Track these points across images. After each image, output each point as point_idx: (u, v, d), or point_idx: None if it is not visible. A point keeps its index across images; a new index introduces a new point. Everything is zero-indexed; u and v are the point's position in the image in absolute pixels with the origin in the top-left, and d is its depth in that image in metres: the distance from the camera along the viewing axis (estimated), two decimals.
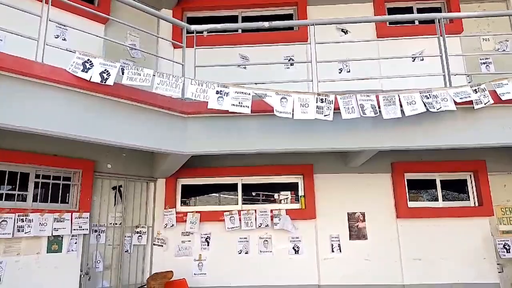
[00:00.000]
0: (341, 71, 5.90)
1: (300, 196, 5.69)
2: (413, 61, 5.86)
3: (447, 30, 4.69)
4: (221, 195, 6.09)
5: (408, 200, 5.57)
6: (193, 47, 4.65)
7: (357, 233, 5.44)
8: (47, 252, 4.47)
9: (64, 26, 4.70)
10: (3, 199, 4.37)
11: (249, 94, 3.99)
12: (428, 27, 5.47)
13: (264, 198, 6.05)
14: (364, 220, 5.48)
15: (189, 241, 5.50)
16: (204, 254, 5.45)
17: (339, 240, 5.40)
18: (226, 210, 5.56)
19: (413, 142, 4.30)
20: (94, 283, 4.87)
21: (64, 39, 4.97)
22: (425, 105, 4.06)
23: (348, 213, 5.50)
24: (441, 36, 4.50)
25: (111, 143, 3.93)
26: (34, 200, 4.56)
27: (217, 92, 3.96)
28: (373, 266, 5.32)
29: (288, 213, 5.48)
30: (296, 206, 5.70)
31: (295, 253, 5.38)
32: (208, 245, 5.49)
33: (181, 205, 5.78)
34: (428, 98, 4.10)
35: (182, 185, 5.87)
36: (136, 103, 4.03)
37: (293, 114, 4.01)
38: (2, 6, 3.51)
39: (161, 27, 6.13)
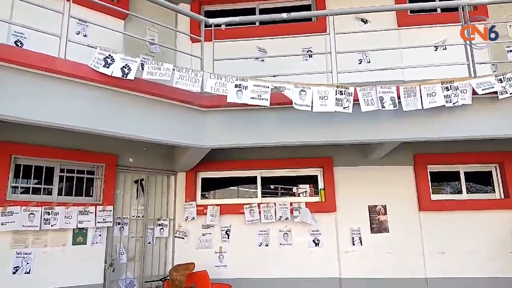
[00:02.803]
0: (361, 61, 5.80)
1: (320, 189, 5.65)
2: (436, 50, 5.70)
3: (472, 17, 4.53)
4: (240, 188, 6.12)
5: (431, 193, 5.46)
6: (211, 40, 4.66)
7: (378, 226, 5.38)
8: (72, 244, 4.61)
9: (85, 22, 4.80)
10: (30, 192, 4.53)
11: (268, 87, 3.97)
12: (451, 15, 5.29)
13: (283, 191, 6.05)
14: (385, 213, 5.41)
15: (210, 233, 5.57)
16: (224, 247, 5.51)
17: (360, 233, 5.35)
18: (245, 203, 5.58)
19: (435, 133, 4.19)
20: (118, 275, 4.99)
21: (85, 35, 5.05)
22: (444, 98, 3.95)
23: (369, 206, 5.44)
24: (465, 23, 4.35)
25: (132, 137, 4.00)
26: (59, 193, 4.70)
27: (236, 86, 3.95)
28: (395, 259, 5.25)
29: (308, 206, 5.46)
30: (315, 199, 5.68)
31: (316, 246, 5.38)
32: (228, 237, 5.54)
33: (201, 198, 5.84)
34: (449, 89, 3.98)
35: (202, 179, 5.93)
36: (156, 98, 4.08)
37: (312, 106, 3.97)
38: (26, 4, 3.61)
39: (179, 21, 6.16)
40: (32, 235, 4.33)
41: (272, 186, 5.98)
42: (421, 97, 3.98)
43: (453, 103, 3.94)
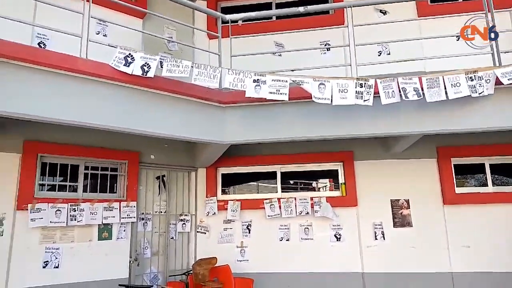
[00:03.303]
0: (381, 53, 5.69)
1: (341, 184, 5.61)
2: (458, 40, 5.53)
3: (495, 4, 4.37)
4: (260, 184, 6.15)
5: (455, 186, 5.34)
6: (228, 37, 4.67)
7: (401, 221, 5.30)
8: (98, 240, 4.74)
9: (105, 22, 4.88)
10: (56, 190, 4.67)
11: (286, 81, 3.95)
12: (473, 3, 5.12)
13: (302, 186, 6.04)
14: (408, 207, 5.32)
15: (231, 228, 5.62)
16: (245, 241, 5.55)
17: (382, 228, 5.29)
18: (266, 198, 5.60)
19: (459, 125, 4.09)
20: (142, 269, 5.11)
21: (105, 35, 5.15)
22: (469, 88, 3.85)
23: (391, 200, 5.36)
24: (488, 12, 4.21)
25: (153, 134, 4.07)
26: (84, 190, 4.83)
27: (254, 81, 3.96)
28: (419, 254, 5.17)
29: (329, 200, 5.43)
30: (336, 193, 5.64)
31: (337, 240, 5.35)
32: (249, 232, 5.58)
33: (221, 194, 5.90)
34: (473, 80, 3.87)
35: (222, 174, 5.97)
36: (176, 95, 4.13)
37: (331, 100, 3.94)
38: (48, 6, 3.71)
39: (196, 19, 6.19)
40: (59, 231, 4.47)
41: (291, 181, 5.98)
42: (445, 87, 3.89)
43: (479, 93, 3.83)
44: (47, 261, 4.34)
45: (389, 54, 5.65)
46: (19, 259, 4.16)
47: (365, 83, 3.96)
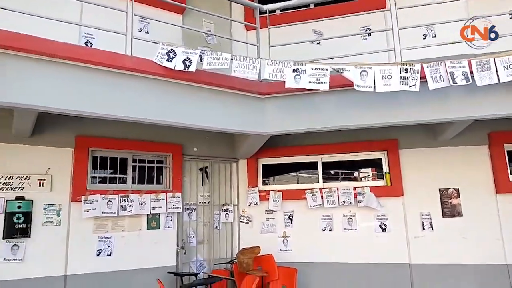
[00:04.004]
0: (426, 36, 5.43)
1: (385, 173, 5.45)
2: (511, 18, 5.15)
3: None
4: (300, 174, 6.13)
5: (509, 174, 5.03)
6: (266, 27, 4.65)
7: (450, 210, 5.08)
8: (147, 229, 4.95)
9: (146, 19, 5.02)
10: (108, 182, 4.92)
11: (327, 70, 3.89)
12: None
13: (343, 176, 5.94)
14: (458, 196, 5.09)
15: (273, 218, 5.66)
16: (288, 231, 5.57)
17: (430, 218, 5.10)
18: (307, 188, 5.57)
19: None
20: (189, 257, 5.29)
21: (147, 32, 5.30)
22: None
23: (440, 189, 5.15)
24: None
25: (196, 127, 4.18)
26: (133, 182, 5.06)
27: (294, 71, 3.93)
28: (471, 245, 4.94)
29: (372, 190, 5.31)
30: (380, 183, 5.49)
31: (382, 231, 5.23)
32: (291, 222, 5.59)
33: (262, 184, 5.94)
34: None
35: (263, 165, 6.01)
36: (217, 88, 4.20)
37: (374, 87, 3.83)
38: (93, 6, 3.89)
39: (233, 11, 6.21)
40: (111, 221, 4.72)
41: (332, 171, 5.90)
42: (496, 70, 3.66)
43: None
44: (100, 249, 4.60)
45: (435, 36, 5.37)
46: (75, 247, 4.44)
47: (410, 68, 3.81)
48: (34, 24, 3.38)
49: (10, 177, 4.22)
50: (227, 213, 5.71)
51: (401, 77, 3.83)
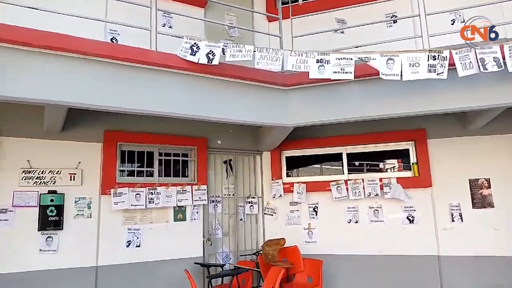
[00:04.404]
0: (454, 22, 5.24)
1: (412, 164, 5.33)
2: None
3: None
4: (324, 166, 6.08)
5: None
6: (288, 18, 4.61)
7: (481, 201, 4.93)
8: (174, 221, 5.05)
9: (169, 14, 5.06)
10: (135, 175, 5.03)
11: (351, 59, 3.82)
12: None
13: (368, 167, 5.85)
14: (489, 187, 4.92)
15: (297, 210, 5.65)
16: (313, 223, 5.56)
17: (460, 209, 4.96)
18: (332, 180, 5.52)
19: None
20: (215, 248, 5.37)
21: (170, 27, 5.35)
22: None
23: (469, 179, 5.00)
24: None
25: (220, 120, 4.21)
26: (160, 175, 5.15)
27: (318, 61, 3.88)
28: (503, 236, 4.79)
29: (399, 181, 5.21)
30: (407, 174, 5.38)
31: (410, 222, 5.13)
32: (316, 214, 5.57)
33: (286, 176, 5.93)
34: None
35: (286, 157, 5.99)
36: (240, 80, 4.21)
37: (401, 75, 3.74)
38: (117, 3, 3.94)
39: (255, 3, 6.16)
40: (139, 213, 4.84)
41: (357, 163, 5.82)
42: None
43: None
44: (130, 241, 4.73)
45: (464, 22, 5.17)
46: (105, 239, 4.57)
47: (438, 55, 3.69)
48: (60, 23, 3.46)
49: (43, 171, 4.38)
50: (251, 205, 5.74)
51: (429, 64, 3.73)
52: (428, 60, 3.71)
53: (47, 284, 4.17)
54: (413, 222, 5.12)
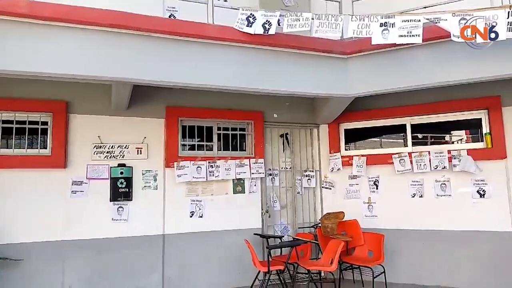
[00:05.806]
0: None
1: (484, 134, 4.92)
2: None
3: None
4: (383, 139, 5.82)
5: None
6: None
7: None
8: (233, 193, 5.18)
9: None
10: (196, 149, 5.19)
11: (419, 21, 3.54)
12: None
13: (433, 140, 5.50)
14: None
15: (357, 184, 5.51)
16: (373, 197, 5.40)
17: None
18: (394, 152, 5.29)
19: None
20: (273, 220, 5.45)
21: (225, 0, 5.32)
22: None
23: None
24: None
25: (277, 92, 4.16)
26: (219, 149, 5.28)
27: (381, 25, 3.65)
28: None
29: (470, 153, 4.85)
30: (479, 145, 4.98)
31: (480, 197, 4.79)
32: (377, 188, 5.40)
33: (345, 149, 5.78)
34: None
35: (345, 130, 5.81)
36: (296, 50, 4.11)
37: (476, 37, 3.41)
38: None
39: None
40: (201, 186, 5.02)
41: (420, 135, 5.49)
42: None
43: None
44: (193, 211, 4.94)
45: None
46: (171, 209, 4.82)
47: None
48: (120, 2, 3.57)
49: (112, 146, 4.67)
50: (309, 179, 5.71)
51: (508, 22, 3.35)
52: (508, 18, 3.34)
53: (120, 250, 4.52)
54: (484, 196, 4.78)
